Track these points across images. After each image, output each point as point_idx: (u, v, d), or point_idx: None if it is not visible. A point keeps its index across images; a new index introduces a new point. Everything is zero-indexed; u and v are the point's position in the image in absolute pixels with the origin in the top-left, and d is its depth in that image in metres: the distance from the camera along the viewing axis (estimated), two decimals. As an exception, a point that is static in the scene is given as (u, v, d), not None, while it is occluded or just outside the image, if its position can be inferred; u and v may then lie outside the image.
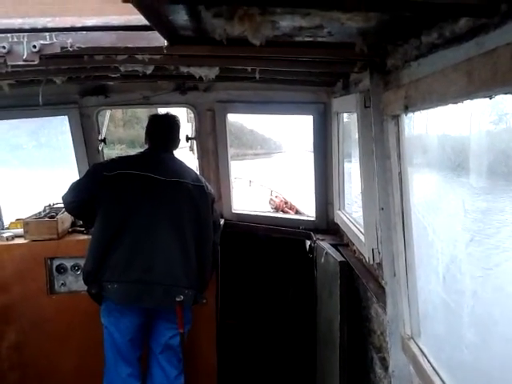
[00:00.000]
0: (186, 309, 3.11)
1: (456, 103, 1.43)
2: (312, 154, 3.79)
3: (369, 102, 2.48)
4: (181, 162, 3.38)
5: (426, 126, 2.14)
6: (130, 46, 2.06)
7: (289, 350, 4.75)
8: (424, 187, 2.15)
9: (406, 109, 1.80)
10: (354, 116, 2.94)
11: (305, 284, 4.37)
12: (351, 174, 3.52)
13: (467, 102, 1.39)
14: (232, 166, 4.14)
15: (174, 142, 3.43)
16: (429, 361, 2.01)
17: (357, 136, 2.80)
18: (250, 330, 5.04)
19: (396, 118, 2.07)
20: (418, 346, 2.13)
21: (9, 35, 2.09)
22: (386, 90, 2.14)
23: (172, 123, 3.44)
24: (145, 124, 3.61)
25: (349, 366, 3.04)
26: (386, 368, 2.77)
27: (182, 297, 2.94)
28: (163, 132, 3.41)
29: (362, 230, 2.90)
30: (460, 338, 1.74)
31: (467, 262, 1.66)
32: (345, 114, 3.38)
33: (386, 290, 2.38)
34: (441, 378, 1.88)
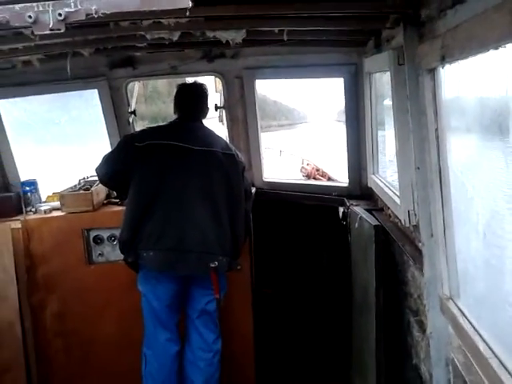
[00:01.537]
0: (220, 275, 3.14)
1: (497, 48, 1.35)
2: (338, 123, 3.72)
3: (402, 59, 2.38)
4: (210, 130, 3.36)
5: (463, 84, 2.04)
6: (154, 9, 2.02)
7: (324, 317, 4.76)
8: (462, 144, 2.06)
9: (443, 60, 1.71)
10: (387, 76, 2.85)
11: (339, 251, 4.34)
12: (385, 138, 3.44)
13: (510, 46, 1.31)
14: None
15: (203, 110, 3.41)
16: (469, 321, 1.97)
17: (389, 98, 2.72)
18: (285, 298, 5.07)
19: (432, 72, 1.98)
20: (458, 306, 2.08)
21: (34, 4, 2.09)
22: (421, 43, 2.05)
23: (199, 91, 3.41)
24: (166, 99, 3.59)
25: (385, 330, 3.02)
26: (423, 330, 2.73)
27: (216, 263, 2.97)
28: (191, 101, 3.38)
29: (397, 193, 2.84)
30: (502, 296, 1.69)
31: (509, 217, 1.60)
32: (376, 75, 3.28)
33: (423, 252, 2.32)
34: (482, 338, 1.84)
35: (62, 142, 4.34)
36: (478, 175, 1.91)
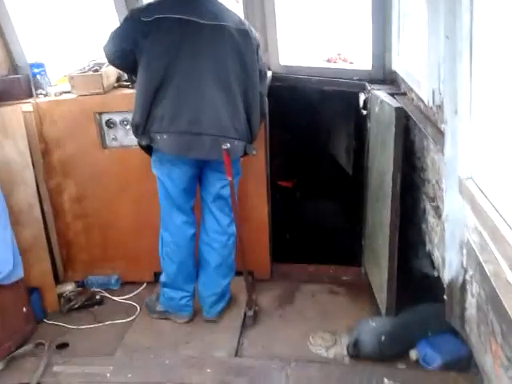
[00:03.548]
0: (235, 159, 3.08)
1: None
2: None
3: None
4: (221, 3, 3.09)
5: None
6: None
7: (340, 205, 4.78)
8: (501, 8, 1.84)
9: None
10: None
11: (358, 140, 4.23)
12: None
13: None
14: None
15: None
16: (489, 200, 1.90)
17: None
18: (303, 189, 5.08)
19: None
20: (478, 185, 2.01)
21: None
22: None
23: None
24: None
25: (401, 216, 2.98)
26: (439, 216, 2.70)
27: (228, 145, 2.89)
28: None
29: (423, 72, 2.65)
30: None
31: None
32: None
33: (446, 130, 2.20)
34: (502, 217, 1.78)
35: (68, 22, 4.12)
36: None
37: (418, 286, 3.21)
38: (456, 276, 2.45)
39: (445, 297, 2.60)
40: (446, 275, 2.50)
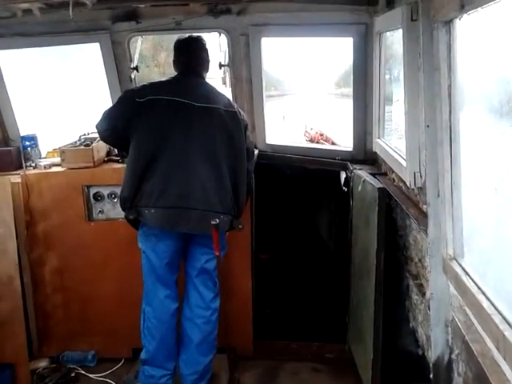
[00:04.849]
0: (221, 234, 3.12)
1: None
2: (329, 96, 3.65)
3: (416, 14, 2.32)
4: (212, 87, 3.28)
5: (480, 38, 1.97)
6: None
7: (323, 280, 4.79)
8: (475, 100, 2.01)
9: (462, 8, 1.65)
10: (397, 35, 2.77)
11: (340, 216, 4.33)
12: (391, 106, 3.39)
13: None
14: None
15: (202, 64, 3.31)
16: (473, 280, 1.96)
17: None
18: (283, 262, 5.09)
19: (448, 25, 1.93)
20: (461, 265, 2.07)
21: None
22: (437, -6, 1.98)
23: (196, 44, 3.31)
24: (150, 63, 3.48)
25: (384, 293, 3.02)
26: (422, 294, 2.74)
27: (217, 220, 2.94)
28: (188, 54, 3.29)
29: (403, 156, 2.80)
30: (511, 251, 1.67)
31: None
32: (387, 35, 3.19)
33: (429, 212, 2.30)
34: (485, 295, 1.83)
35: (62, 96, 4.26)
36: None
37: (404, 365, 3.18)
38: (442, 355, 2.45)
39: (431, 376, 2.59)
40: (432, 354, 2.51)
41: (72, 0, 2.69)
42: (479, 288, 1.88)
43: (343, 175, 3.89)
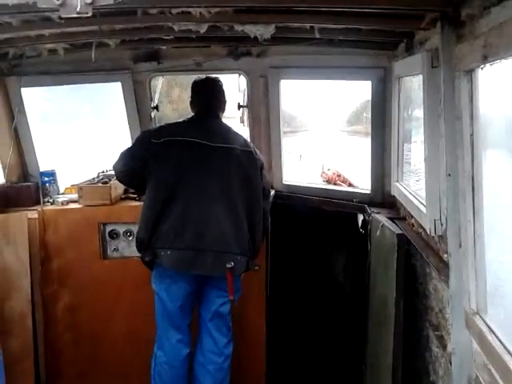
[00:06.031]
0: (236, 276, 3.07)
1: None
2: (342, 133, 3.64)
3: (436, 61, 2.30)
4: (228, 127, 3.29)
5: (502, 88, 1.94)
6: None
7: (339, 327, 4.65)
8: (498, 151, 1.97)
9: (485, 59, 1.62)
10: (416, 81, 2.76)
11: (357, 259, 4.24)
12: (410, 147, 3.34)
13: None
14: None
15: (219, 104, 3.34)
16: (498, 337, 1.86)
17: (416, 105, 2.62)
18: (298, 305, 4.98)
19: (469, 74, 1.90)
20: (485, 321, 1.98)
21: (62, -14, 2.06)
22: (459, 43, 1.96)
23: (213, 85, 3.35)
24: (163, 99, 3.52)
25: (404, 343, 2.91)
26: (443, 347, 2.63)
27: (232, 263, 2.90)
28: (207, 96, 3.32)
29: (423, 201, 2.74)
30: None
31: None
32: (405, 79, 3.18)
33: (450, 263, 2.22)
34: (511, 354, 1.73)
35: (83, 134, 4.32)
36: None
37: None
38: (465, 414, 2.33)
39: None
40: (455, 412, 2.38)
41: (95, 41, 2.75)
42: (505, 347, 1.79)
43: (360, 217, 3.82)
